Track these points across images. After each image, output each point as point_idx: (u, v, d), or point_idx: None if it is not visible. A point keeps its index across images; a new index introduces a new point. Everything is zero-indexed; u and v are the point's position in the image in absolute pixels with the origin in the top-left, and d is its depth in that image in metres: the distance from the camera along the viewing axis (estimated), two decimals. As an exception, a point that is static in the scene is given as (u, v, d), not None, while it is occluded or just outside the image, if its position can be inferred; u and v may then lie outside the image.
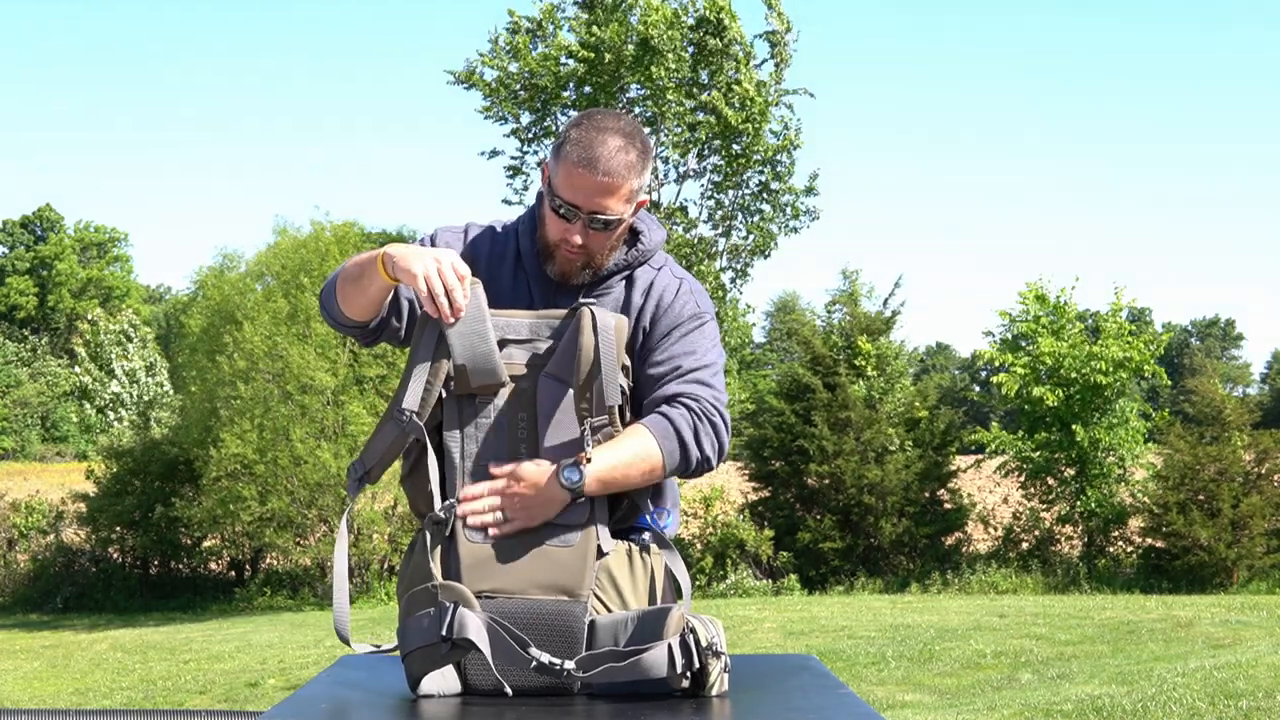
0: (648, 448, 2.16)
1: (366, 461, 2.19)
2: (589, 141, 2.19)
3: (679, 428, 2.18)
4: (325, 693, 2.25)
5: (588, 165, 2.17)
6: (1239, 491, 15.05)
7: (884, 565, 16.26)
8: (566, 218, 2.21)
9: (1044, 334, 16.71)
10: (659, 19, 16.57)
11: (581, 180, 2.18)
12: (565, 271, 2.28)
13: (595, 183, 2.18)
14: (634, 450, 2.15)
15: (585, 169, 2.17)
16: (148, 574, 18.92)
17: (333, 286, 2.30)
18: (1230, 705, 6.22)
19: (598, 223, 2.21)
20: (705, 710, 2.01)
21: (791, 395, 17.10)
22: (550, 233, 2.26)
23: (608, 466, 2.12)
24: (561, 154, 2.21)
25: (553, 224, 2.25)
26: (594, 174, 2.17)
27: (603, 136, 2.19)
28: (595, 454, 2.11)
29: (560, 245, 2.25)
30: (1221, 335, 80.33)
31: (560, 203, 2.21)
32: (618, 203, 2.21)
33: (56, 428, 53.07)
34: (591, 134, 2.20)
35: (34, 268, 63.97)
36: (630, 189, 2.22)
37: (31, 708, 7.88)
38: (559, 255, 2.26)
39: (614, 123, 2.23)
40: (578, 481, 2.09)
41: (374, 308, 2.26)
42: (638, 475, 2.16)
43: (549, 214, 2.25)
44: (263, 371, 16.79)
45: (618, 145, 2.19)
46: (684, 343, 2.28)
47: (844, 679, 3.78)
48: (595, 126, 2.21)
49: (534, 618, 2.06)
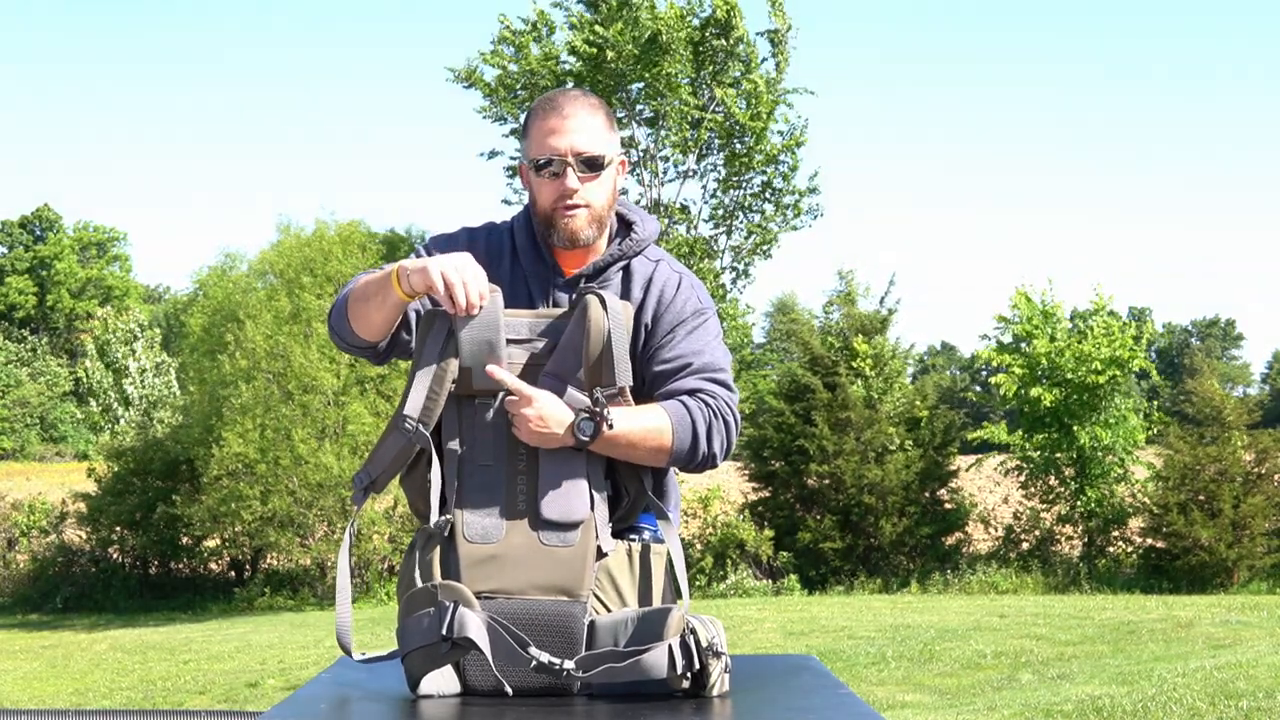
0: (662, 428, 2.17)
1: (372, 471, 2.19)
2: (548, 99, 2.31)
3: (694, 419, 2.20)
4: (325, 693, 2.25)
5: (553, 111, 2.27)
6: (1239, 492, 15.05)
7: (884, 565, 16.26)
8: (556, 172, 2.25)
9: (1039, 335, 16.73)
10: (669, 15, 16.60)
11: (551, 126, 2.26)
12: (573, 230, 2.28)
13: (565, 124, 2.25)
14: (649, 424, 2.17)
15: (552, 115, 2.26)
16: (148, 574, 18.93)
17: (342, 308, 2.29)
18: (1230, 705, 6.22)
19: (583, 166, 2.25)
20: (705, 710, 2.01)
21: (791, 395, 17.12)
22: (544, 199, 2.28)
23: (623, 430, 2.13)
24: (529, 126, 2.31)
25: (544, 189, 2.28)
26: (561, 117, 2.26)
27: (561, 93, 2.32)
28: (615, 416, 2.12)
29: (557, 206, 2.27)
30: (1221, 335, 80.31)
31: (542, 160, 2.26)
32: (594, 139, 2.27)
33: (56, 428, 53.07)
34: (549, 96, 2.31)
35: (33, 268, 63.98)
36: (600, 124, 2.28)
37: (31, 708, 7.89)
38: (559, 218, 2.27)
39: (572, 91, 2.34)
40: (590, 435, 2.11)
41: (387, 326, 2.25)
42: (645, 451, 2.17)
43: (537, 184, 2.29)
44: (264, 371, 16.79)
45: (576, 93, 2.31)
46: (690, 340, 2.28)
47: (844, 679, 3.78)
48: (552, 93, 2.33)
49: (533, 618, 2.07)
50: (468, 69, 17.71)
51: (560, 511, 2.12)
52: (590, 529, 2.13)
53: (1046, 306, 17.09)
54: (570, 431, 2.11)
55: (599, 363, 2.14)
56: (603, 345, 2.13)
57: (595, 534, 2.13)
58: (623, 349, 2.15)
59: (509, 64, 17.54)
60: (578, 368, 2.16)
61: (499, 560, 2.10)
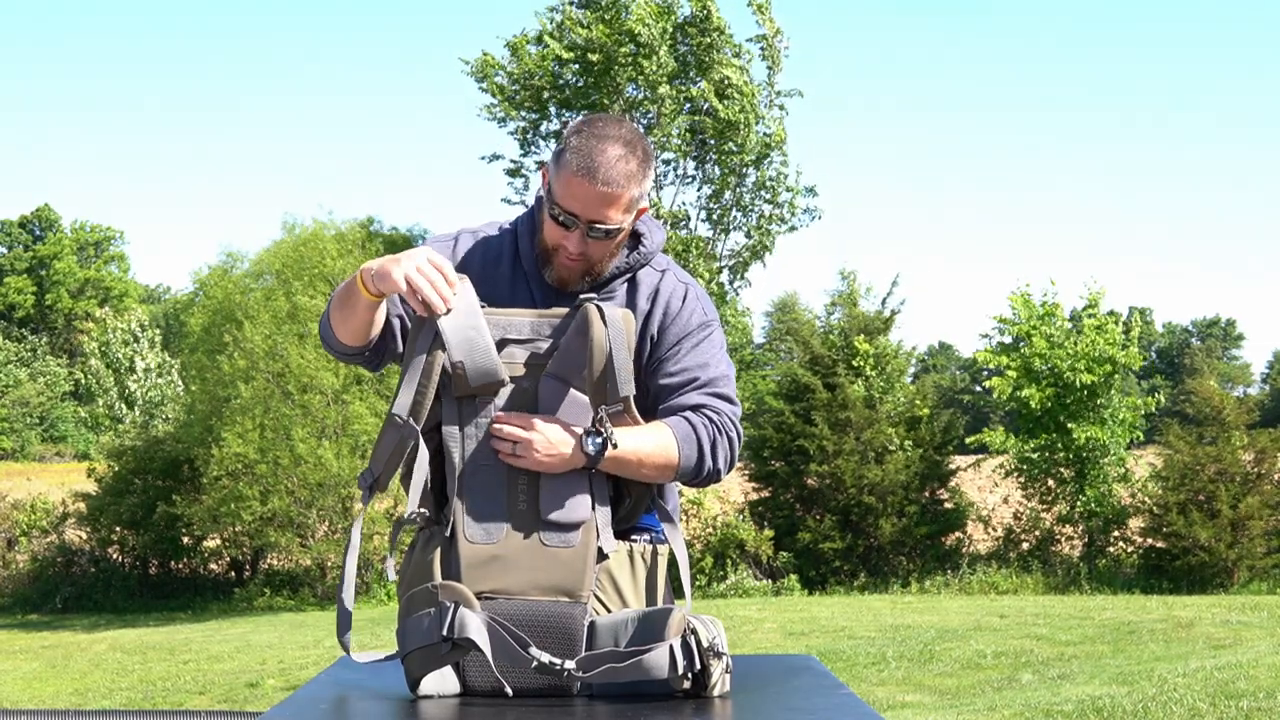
0: (668, 446, 2.17)
1: (375, 469, 2.18)
2: (589, 150, 2.17)
3: (700, 436, 2.20)
4: (325, 693, 2.25)
5: (587, 174, 2.16)
6: (1239, 492, 15.04)
7: (884, 565, 16.26)
8: (566, 225, 2.20)
9: (1037, 335, 16.73)
10: (645, 14, 16.63)
11: (581, 189, 2.17)
12: (564, 278, 2.27)
13: (595, 192, 2.16)
14: (655, 443, 2.17)
15: (585, 178, 2.16)
16: (148, 574, 18.92)
17: (327, 316, 2.29)
18: (1231, 705, 6.22)
19: (597, 232, 2.20)
20: (705, 711, 2.01)
21: (791, 395, 17.12)
22: (549, 238, 2.25)
23: (631, 449, 2.13)
24: (561, 161, 2.19)
25: (551, 230, 2.24)
26: (594, 184, 2.16)
27: (603, 145, 2.17)
28: (619, 436, 2.11)
29: (558, 252, 2.24)
30: (1221, 335, 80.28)
31: (559, 211, 2.20)
32: (617, 212, 2.20)
33: (56, 428, 53.08)
34: (592, 142, 2.18)
35: (32, 267, 63.99)
36: (630, 198, 2.20)
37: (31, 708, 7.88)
38: (557, 262, 2.26)
39: (615, 130, 2.21)
40: (598, 451, 2.10)
41: (365, 329, 2.23)
42: (652, 468, 2.17)
43: (548, 220, 2.24)
44: (263, 371, 16.79)
45: (618, 154, 2.18)
46: (696, 353, 2.28)
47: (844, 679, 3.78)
48: (596, 134, 2.19)
49: (534, 619, 2.06)
50: (481, 64, 17.67)
51: (561, 512, 2.12)
52: (591, 529, 2.13)
53: (1048, 305, 17.09)
54: (578, 450, 2.11)
55: (602, 378, 2.12)
56: (605, 360, 2.12)
57: (596, 534, 2.13)
58: (624, 359, 2.13)
59: (513, 67, 17.56)
60: (580, 368, 2.15)
61: (499, 561, 2.09)
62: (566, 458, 2.10)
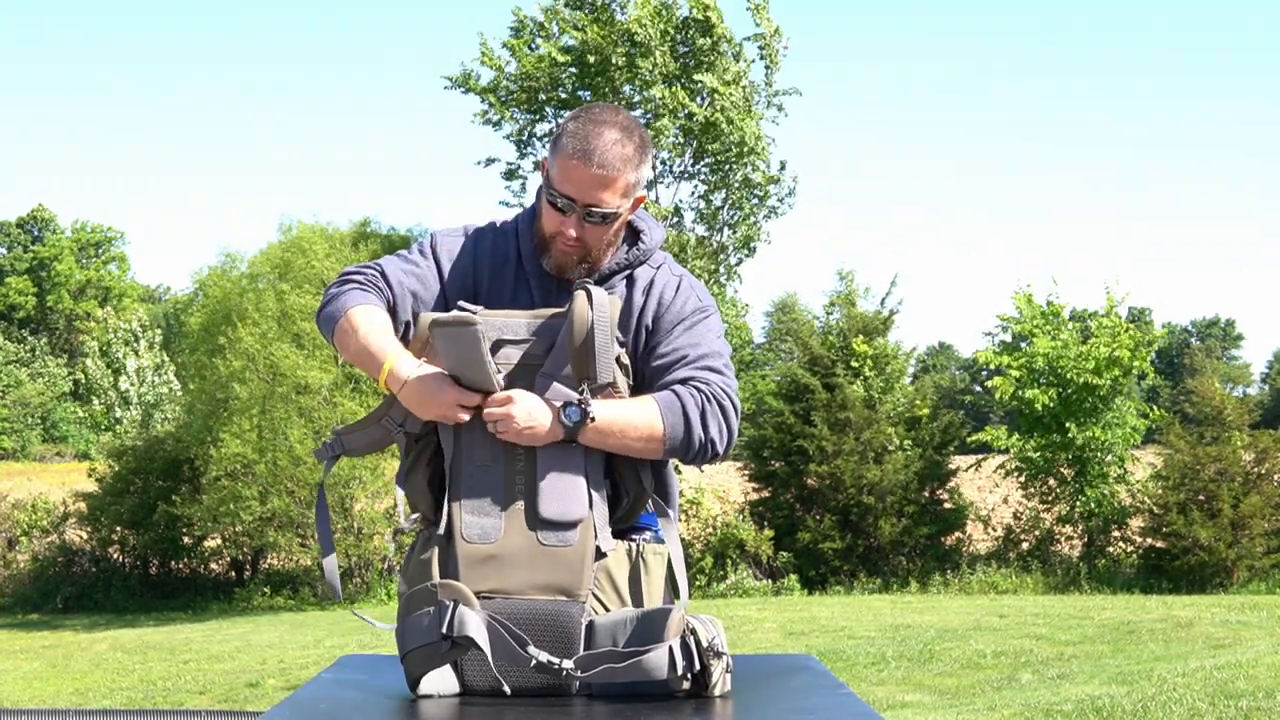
0: (650, 415, 2.16)
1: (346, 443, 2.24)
2: (585, 134, 2.19)
3: (685, 405, 2.17)
4: (325, 693, 2.25)
5: (583, 157, 2.17)
6: (1239, 491, 15.04)
7: (884, 565, 16.26)
8: (563, 210, 2.21)
9: (1040, 335, 16.72)
10: (643, 14, 16.61)
11: (577, 173, 2.18)
12: (561, 265, 2.27)
13: (591, 175, 2.18)
14: (637, 413, 2.15)
15: (581, 161, 2.17)
16: (148, 574, 18.92)
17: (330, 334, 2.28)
18: (1230, 705, 6.22)
19: (594, 216, 2.20)
20: (705, 710, 2.01)
21: (791, 396, 17.12)
22: (546, 225, 2.26)
23: (608, 419, 2.12)
24: (558, 147, 2.21)
25: (549, 216, 2.24)
26: (589, 166, 2.17)
27: (599, 129, 2.19)
28: (597, 406, 2.11)
29: (556, 238, 2.24)
30: (1221, 335, 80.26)
31: (556, 195, 2.21)
32: (614, 196, 2.20)
33: (56, 428, 53.05)
34: (588, 127, 2.20)
35: (32, 268, 63.97)
36: (626, 182, 2.21)
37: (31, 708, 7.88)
38: (555, 248, 2.26)
39: (611, 116, 2.23)
40: (576, 422, 2.10)
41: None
42: (636, 438, 2.15)
43: (546, 206, 2.25)
44: (258, 372, 16.81)
45: (614, 138, 2.19)
46: (689, 335, 2.27)
47: (844, 679, 3.78)
48: (592, 120, 2.21)
49: (532, 618, 2.06)
50: (463, 74, 17.68)
51: (558, 511, 2.12)
52: (589, 528, 2.13)
53: (1052, 305, 17.08)
54: (556, 421, 2.11)
55: (582, 353, 2.12)
56: (586, 334, 2.11)
57: (594, 533, 2.13)
58: (605, 341, 2.13)
59: (505, 66, 17.52)
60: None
61: (497, 560, 2.09)
62: (546, 428, 2.10)
